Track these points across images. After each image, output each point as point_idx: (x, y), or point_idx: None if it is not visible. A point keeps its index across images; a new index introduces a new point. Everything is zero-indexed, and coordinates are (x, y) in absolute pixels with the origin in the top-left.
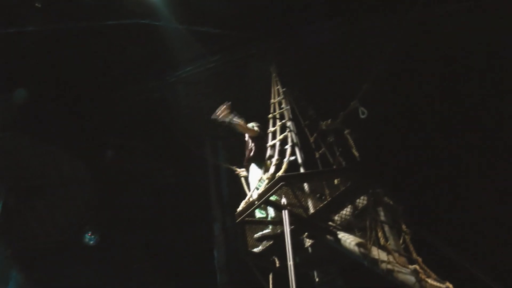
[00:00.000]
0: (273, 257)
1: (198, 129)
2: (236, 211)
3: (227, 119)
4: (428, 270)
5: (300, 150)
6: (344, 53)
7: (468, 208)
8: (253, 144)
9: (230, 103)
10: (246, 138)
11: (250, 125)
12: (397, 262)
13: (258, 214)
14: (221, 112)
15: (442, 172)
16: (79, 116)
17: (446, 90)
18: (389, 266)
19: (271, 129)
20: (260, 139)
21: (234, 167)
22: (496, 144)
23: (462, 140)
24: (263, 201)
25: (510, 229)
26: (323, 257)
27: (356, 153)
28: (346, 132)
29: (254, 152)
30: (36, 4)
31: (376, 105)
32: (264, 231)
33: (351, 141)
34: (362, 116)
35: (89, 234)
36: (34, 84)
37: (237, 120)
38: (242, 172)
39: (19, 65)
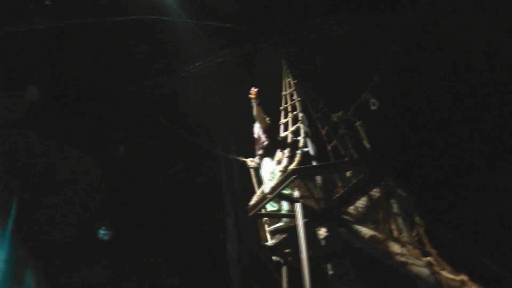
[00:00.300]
0: (286, 250)
1: (209, 124)
2: (248, 205)
3: (253, 101)
4: (443, 263)
5: (312, 141)
6: (352, 46)
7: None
8: (265, 137)
9: (257, 89)
10: (256, 133)
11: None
12: (410, 255)
13: (271, 207)
14: (252, 93)
15: (449, 169)
16: (89, 112)
17: (449, 88)
18: (403, 259)
19: (282, 120)
20: (272, 131)
21: (243, 158)
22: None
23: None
24: (276, 194)
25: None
26: (336, 250)
27: (368, 145)
28: (357, 124)
29: (266, 145)
30: (46, 2)
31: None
32: (277, 224)
33: (362, 133)
34: (373, 108)
35: (103, 230)
36: (44, 82)
37: (257, 106)
38: (251, 162)
39: (29, 63)
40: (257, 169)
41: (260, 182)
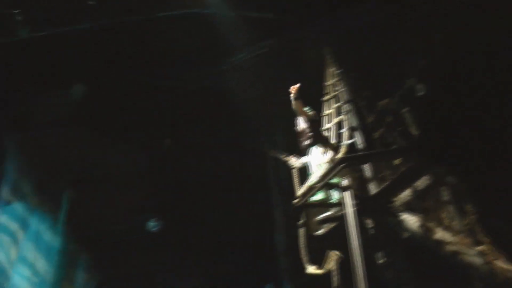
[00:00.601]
0: (336, 239)
1: (254, 117)
2: (296, 195)
3: (293, 97)
4: (497, 252)
5: (359, 132)
6: (396, 32)
7: None
8: (311, 129)
9: (300, 85)
10: (299, 125)
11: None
12: (463, 244)
13: (320, 196)
14: (293, 90)
15: None
16: (136, 107)
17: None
18: (455, 248)
19: (326, 112)
20: (317, 122)
21: (286, 157)
22: None
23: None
24: (324, 183)
25: None
26: (385, 239)
27: (416, 132)
28: (403, 111)
29: (313, 135)
30: (89, 1)
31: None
32: (326, 213)
33: (409, 120)
34: (419, 94)
35: (152, 221)
36: (92, 79)
37: (295, 100)
38: (294, 162)
39: (76, 61)
40: (300, 168)
41: (302, 181)
